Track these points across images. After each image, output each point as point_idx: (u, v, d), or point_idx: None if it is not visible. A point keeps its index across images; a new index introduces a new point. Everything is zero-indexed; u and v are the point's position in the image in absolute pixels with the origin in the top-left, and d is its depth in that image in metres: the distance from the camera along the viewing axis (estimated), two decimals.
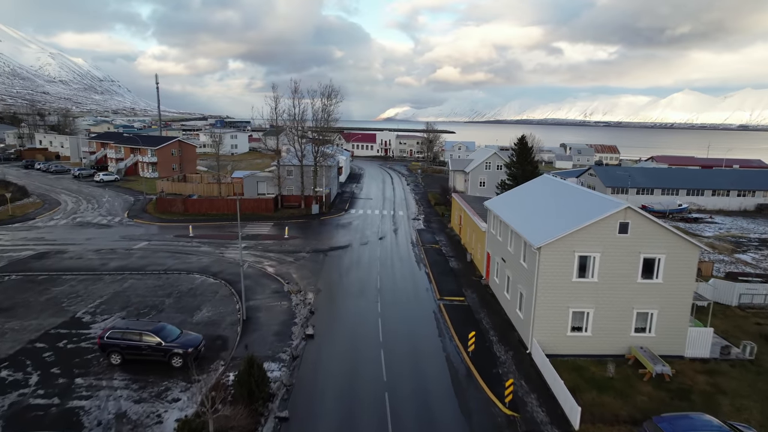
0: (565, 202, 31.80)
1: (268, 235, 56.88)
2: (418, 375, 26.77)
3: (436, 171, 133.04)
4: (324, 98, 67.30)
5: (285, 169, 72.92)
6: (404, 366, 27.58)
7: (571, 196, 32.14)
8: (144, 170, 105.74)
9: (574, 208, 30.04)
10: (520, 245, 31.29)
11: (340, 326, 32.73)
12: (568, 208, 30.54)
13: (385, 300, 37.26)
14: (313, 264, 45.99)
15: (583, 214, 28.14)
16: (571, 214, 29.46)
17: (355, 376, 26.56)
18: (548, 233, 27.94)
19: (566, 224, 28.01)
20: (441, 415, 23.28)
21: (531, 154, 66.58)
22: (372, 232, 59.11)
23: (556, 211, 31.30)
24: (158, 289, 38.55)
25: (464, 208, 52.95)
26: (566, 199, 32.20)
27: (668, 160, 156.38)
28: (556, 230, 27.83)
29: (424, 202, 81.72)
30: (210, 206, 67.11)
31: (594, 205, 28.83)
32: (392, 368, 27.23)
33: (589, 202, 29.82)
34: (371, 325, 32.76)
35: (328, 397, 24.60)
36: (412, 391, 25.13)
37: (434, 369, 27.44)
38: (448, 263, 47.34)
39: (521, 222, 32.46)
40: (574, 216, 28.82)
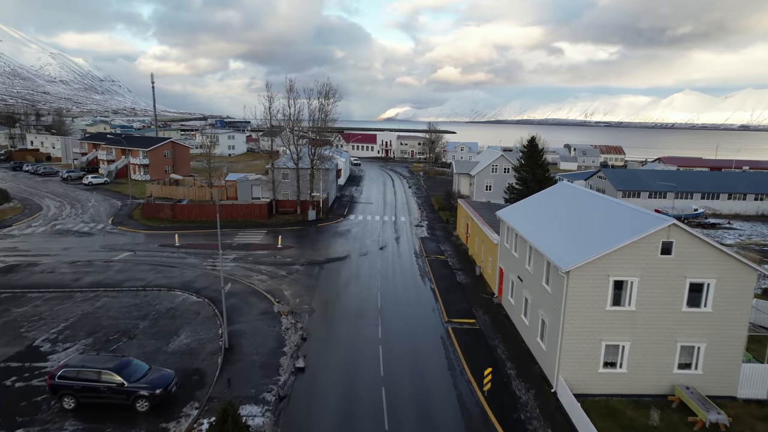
0: (593, 215, 27.74)
1: (260, 244, 52.87)
2: (427, 421, 22.75)
3: (438, 173, 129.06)
4: (321, 97, 63.37)
5: (280, 173, 68.92)
6: (410, 409, 23.56)
7: (600, 209, 28.06)
8: (135, 172, 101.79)
9: (605, 223, 25.99)
10: (542, 265, 27.27)
11: (336, 357, 28.69)
12: (597, 223, 26.48)
13: (387, 323, 33.24)
14: (308, 278, 41.97)
15: (617, 231, 24.14)
16: (602, 230, 25.42)
17: (352, 422, 22.55)
18: (577, 254, 23.93)
19: (597, 243, 24.01)
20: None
21: (541, 156, 62.58)
22: (372, 241, 55.09)
23: (583, 226, 27.24)
24: (134, 309, 34.53)
25: (472, 215, 48.94)
26: (594, 211, 28.14)
27: (676, 162, 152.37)
28: (586, 250, 23.82)
29: (427, 207, 77.71)
30: (200, 212, 63.13)
31: (630, 219, 24.80)
32: (396, 412, 23.22)
33: (622, 216, 25.76)
34: (371, 356, 28.73)
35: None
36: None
37: (445, 413, 23.41)
38: (455, 277, 43.31)
39: (542, 238, 28.43)
40: (606, 233, 24.80)
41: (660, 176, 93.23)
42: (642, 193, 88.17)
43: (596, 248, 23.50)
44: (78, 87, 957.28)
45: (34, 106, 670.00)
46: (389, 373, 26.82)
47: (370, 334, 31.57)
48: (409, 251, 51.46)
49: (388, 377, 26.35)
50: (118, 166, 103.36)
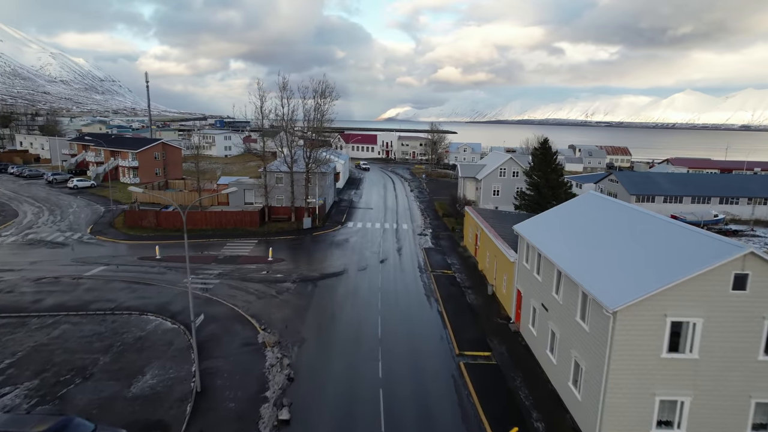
0: (639, 236, 23.05)
1: (249, 257, 48.22)
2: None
3: (441, 175, 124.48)
4: (317, 96, 58.64)
5: (273, 177, 64.30)
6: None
7: (647, 229, 23.32)
8: (124, 175, 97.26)
9: (656, 249, 21.31)
10: (575, 296, 22.65)
11: (328, 404, 24.04)
12: (645, 248, 21.80)
13: (389, 357, 28.59)
14: (299, 299, 37.31)
15: (674, 259, 19.53)
16: (654, 257, 20.76)
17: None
18: (624, 288, 19.31)
19: (649, 275, 19.40)
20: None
21: (555, 159, 57.97)
22: (372, 253, 50.44)
23: (627, 250, 22.55)
24: (96, 339, 29.91)
25: (482, 226, 44.30)
26: (639, 232, 23.45)
27: (686, 163, 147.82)
28: (635, 284, 19.20)
29: (431, 213, 73.07)
30: (186, 220, 58.33)
31: (690, 245, 20.15)
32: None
33: (679, 239, 21.10)
34: (370, 402, 24.09)
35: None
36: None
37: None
38: (464, 297, 38.65)
39: (574, 262, 23.77)
40: (659, 261, 20.17)
41: (675, 179, 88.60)
42: (657, 197, 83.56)
43: (649, 282, 18.88)
44: (78, 87, 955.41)
45: (34, 106, 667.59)
46: (392, 427, 22.19)
47: (369, 372, 26.92)
48: (413, 265, 46.82)
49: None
50: (106, 168, 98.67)
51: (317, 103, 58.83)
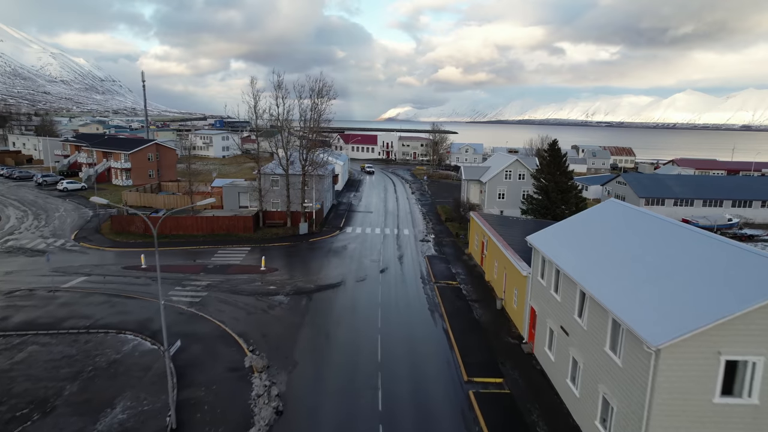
0: (675, 253, 20.05)
1: (240, 266, 45.25)
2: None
3: (442, 176, 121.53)
4: (314, 95, 55.62)
5: (268, 180, 61.34)
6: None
7: (686, 245, 20.29)
8: (117, 177, 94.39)
9: (701, 269, 18.31)
10: (604, 323, 19.69)
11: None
12: (685, 267, 18.80)
13: (390, 386, 25.60)
14: (292, 315, 34.35)
15: (726, 284, 16.54)
16: (699, 281, 17.77)
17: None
18: (668, 319, 16.33)
19: (697, 304, 16.43)
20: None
21: (564, 162, 55.02)
22: (371, 261, 47.48)
23: (662, 269, 19.55)
24: (65, 363, 26.97)
25: (489, 234, 41.32)
26: (676, 248, 20.45)
27: (692, 164, 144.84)
28: (682, 315, 16.22)
29: (433, 217, 70.11)
30: (176, 225, 55.51)
31: (739, 263, 17.16)
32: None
33: (723, 256, 18.11)
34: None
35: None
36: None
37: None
38: (471, 312, 35.67)
39: (602, 284, 20.79)
40: (706, 285, 17.19)
41: (685, 182, 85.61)
42: (666, 200, 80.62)
43: (698, 312, 15.90)
44: (79, 87, 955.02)
45: (34, 106, 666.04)
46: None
47: (368, 404, 23.95)
48: (415, 275, 43.84)
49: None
50: (98, 170, 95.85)
51: (314, 103, 55.86)
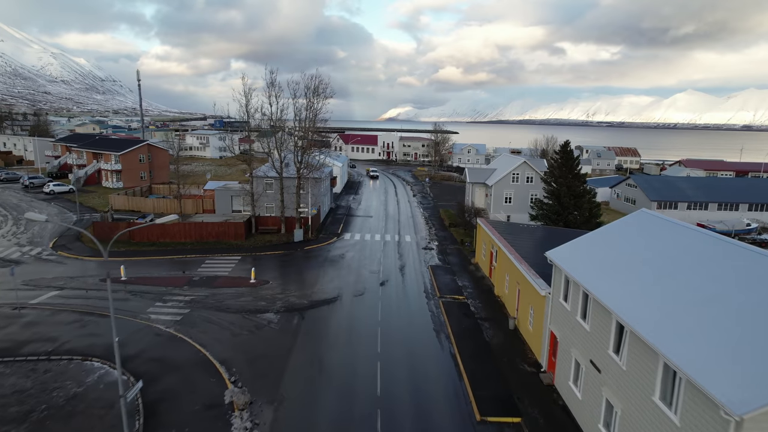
0: (737, 278, 16.48)
1: (228, 278, 41.74)
2: None
3: (445, 178, 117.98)
4: (309, 93, 52.05)
5: (261, 183, 57.84)
6: None
7: (747, 268, 16.74)
8: (107, 179, 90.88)
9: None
10: (653, 367, 16.15)
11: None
12: (759, 302, 15.22)
13: (391, 428, 22.10)
14: (281, 337, 30.84)
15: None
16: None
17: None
18: (748, 374, 12.80)
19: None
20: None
21: (577, 164, 51.50)
22: (371, 273, 43.96)
23: (726, 301, 15.97)
24: (15, 400, 23.42)
25: (499, 243, 37.80)
26: (734, 271, 16.89)
27: (700, 165, 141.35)
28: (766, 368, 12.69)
29: (436, 222, 66.60)
30: (162, 233, 52.01)
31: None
32: None
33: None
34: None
35: None
36: None
37: None
38: (481, 332, 32.15)
39: (646, 316, 17.23)
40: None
41: (699, 184, 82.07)
42: (680, 203, 77.12)
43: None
44: (79, 87, 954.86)
45: (34, 106, 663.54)
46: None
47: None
48: (418, 288, 40.32)
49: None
50: (88, 171, 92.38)
51: (309, 101, 52.29)
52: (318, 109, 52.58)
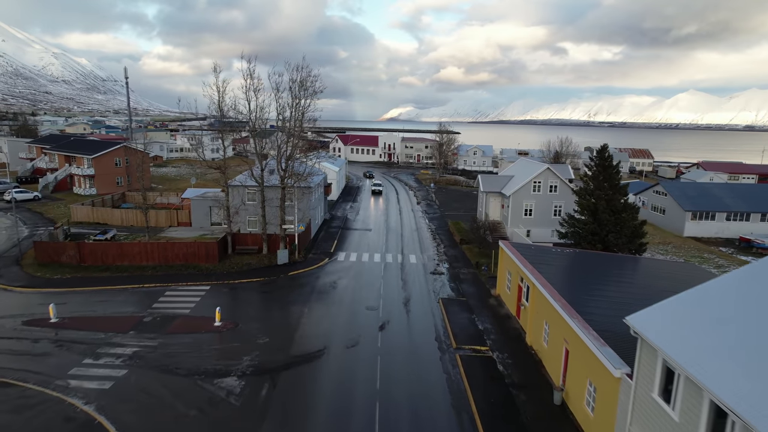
0: None
1: (188, 319, 33.10)
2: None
3: (450, 182, 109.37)
4: (295, 87, 43.27)
5: (239, 194, 49.22)
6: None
7: None
8: (80, 185, 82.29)
9: None
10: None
11: None
12: None
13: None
14: (243, 421, 22.17)
15: None
16: None
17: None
18: None
19: None
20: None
21: (617, 173, 42.85)
22: (368, 310, 35.32)
23: None
24: None
25: (532, 278, 29.17)
26: None
27: (722, 168, 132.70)
28: None
29: (445, 237, 57.98)
30: (120, 254, 43.42)
31: None
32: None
33: None
34: None
35: None
36: None
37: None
38: (515, 409, 23.46)
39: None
40: None
41: (738, 192, 73.29)
42: (717, 214, 68.42)
43: None
44: (80, 87, 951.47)
45: (35, 106, 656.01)
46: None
47: None
48: (428, 333, 31.68)
49: None
50: (58, 176, 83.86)
51: (296, 97, 43.51)
52: (305, 106, 43.88)
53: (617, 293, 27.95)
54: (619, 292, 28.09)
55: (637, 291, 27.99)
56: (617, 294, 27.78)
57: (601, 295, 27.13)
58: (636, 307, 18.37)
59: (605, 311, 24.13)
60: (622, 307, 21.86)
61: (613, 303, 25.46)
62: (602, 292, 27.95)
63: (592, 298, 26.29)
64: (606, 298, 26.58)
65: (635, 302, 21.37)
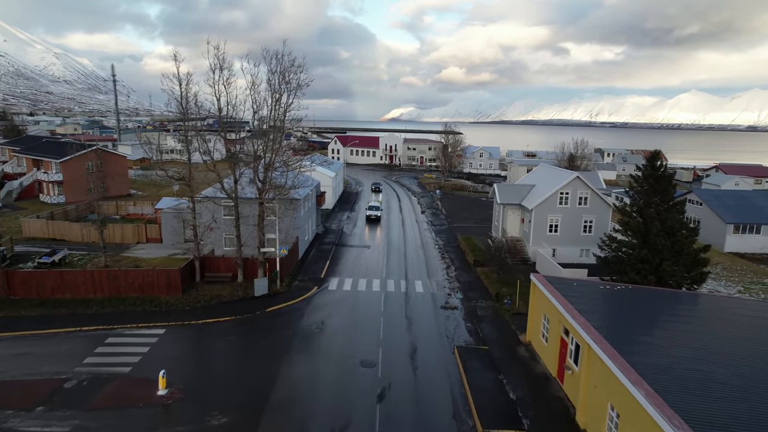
0: None
1: (126, 381, 25.02)
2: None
3: (456, 187, 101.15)
4: (275, 80, 35.12)
5: (208, 209, 41.09)
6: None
7: None
8: (48, 192, 74.25)
9: None
10: None
11: None
12: None
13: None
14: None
15: None
16: None
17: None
18: None
19: None
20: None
21: (672, 185, 34.69)
22: (363, 366, 27.20)
23: None
24: None
25: (588, 339, 21.10)
26: None
27: (743, 171, 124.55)
28: None
29: (455, 255, 49.86)
30: (60, 283, 35.33)
31: None
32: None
33: None
34: None
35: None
36: None
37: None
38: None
39: None
40: None
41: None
42: (763, 226, 60.27)
43: None
44: (82, 87, 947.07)
45: (35, 106, 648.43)
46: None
47: None
48: (443, 410, 23.50)
49: None
50: (23, 182, 75.91)
51: (275, 93, 35.34)
52: (288, 104, 35.67)
53: (733, 374, 19.01)
54: (737, 374, 19.00)
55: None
56: (736, 377, 18.70)
57: (703, 375, 18.74)
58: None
59: (720, 405, 16.04)
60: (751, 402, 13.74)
61: (734, 392, 17.30)
62: (699, 364, 19.60)
63: (690, 380, 18.11)
64: (719, 384, 18.08)
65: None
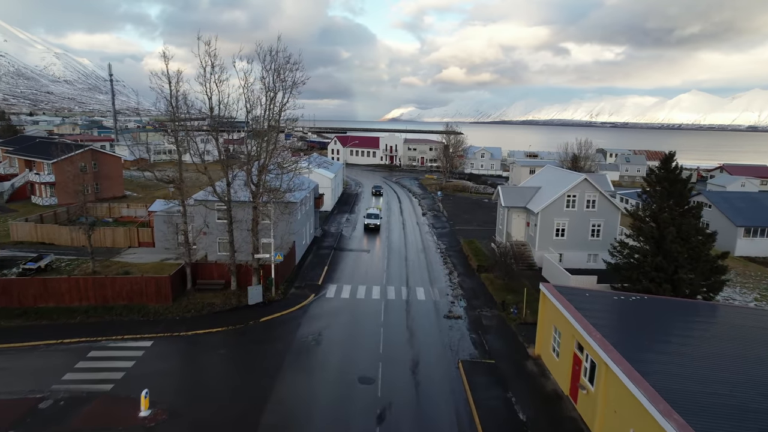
0: None
1: (106, 400, 23.24)
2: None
3: (458, 188, 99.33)
4: (269, 78, 33.36)
5: (201, 214, 39.34)
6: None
7: None
8: (40, 194, 72.51)
9: None
10: None
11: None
12: None
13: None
14: None
15: None
16: None
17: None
18: None
19: None
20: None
21: (688, 189, 32.97)
22: (361, 383, 25.43)
23: None
24: None
25: (608, 360, 19.37)
26: None
27: (748, 172, 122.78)
28: None
29: (458, 260, 48.09)
30: (44, 292, 33.58)
31: None
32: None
33: None
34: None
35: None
36: None
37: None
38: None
39: None
40: None
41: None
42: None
43: None
44: (82, 87, 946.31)
45: (36, 106, 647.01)
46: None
47: None
48: (449, 430, 21.81)
49: None
50: (15, 184, 74.18)
51: (269, 91, 33.60)
52: (283, 102, 33.92)
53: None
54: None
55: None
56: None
57: (737, 403, 16.95)
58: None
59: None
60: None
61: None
62: (729, 389, 17.78)
63: (722, 406, 16.34)
64: (755, 414, 16.34)
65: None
